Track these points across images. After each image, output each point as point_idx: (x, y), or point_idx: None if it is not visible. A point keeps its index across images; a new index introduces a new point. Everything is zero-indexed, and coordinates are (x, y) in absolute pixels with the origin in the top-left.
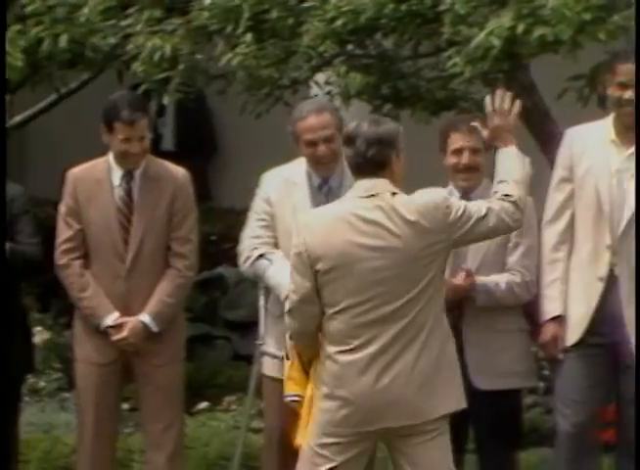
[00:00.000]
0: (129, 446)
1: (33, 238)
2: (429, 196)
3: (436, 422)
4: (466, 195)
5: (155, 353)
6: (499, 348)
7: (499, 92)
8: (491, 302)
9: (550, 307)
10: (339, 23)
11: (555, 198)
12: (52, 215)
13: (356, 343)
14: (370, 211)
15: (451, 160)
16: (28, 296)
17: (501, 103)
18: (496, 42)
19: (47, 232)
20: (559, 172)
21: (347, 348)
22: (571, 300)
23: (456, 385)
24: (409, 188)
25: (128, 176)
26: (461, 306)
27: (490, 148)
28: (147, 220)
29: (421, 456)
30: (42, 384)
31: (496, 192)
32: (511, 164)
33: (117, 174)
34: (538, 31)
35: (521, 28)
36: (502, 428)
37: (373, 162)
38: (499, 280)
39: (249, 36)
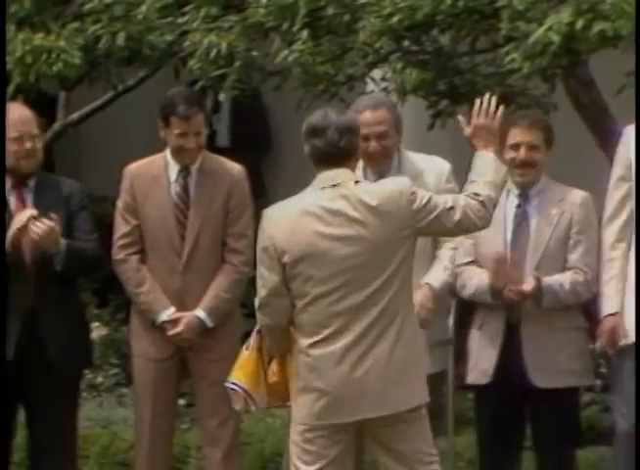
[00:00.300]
0: (186, 441)
1: (91, 234)
2: (394, 183)
3: (414, 411)
4: (524, 191)
5: (210, 349)
6: (557, 345)
7: (486, 96)
8: (556, 303)
9: (607, 306)
10: (395, 19)
11: (613, 196)
12: (109, 212)
13: (327, 332)
14: (334, 201)
15: (508, 155)
16: (86, 291)
17: (487, 105)
18: (555, 38)
19: (104, 229)
20: (617, 170)
21: (320, 338)
22: (628, 297)
23: (425, 375)
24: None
25: (185, 172)
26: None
27: (550, 145)
28: (203, 216)
29: (401, 445)
30: (100, 379)
31: (464, 191)
32: (485, 167)
33: (174, 170)
34: (598, 27)
35: (580, 24)
36: (560, 426)
37: (344, 151)
38: (563, 280)
39: (305, 33)
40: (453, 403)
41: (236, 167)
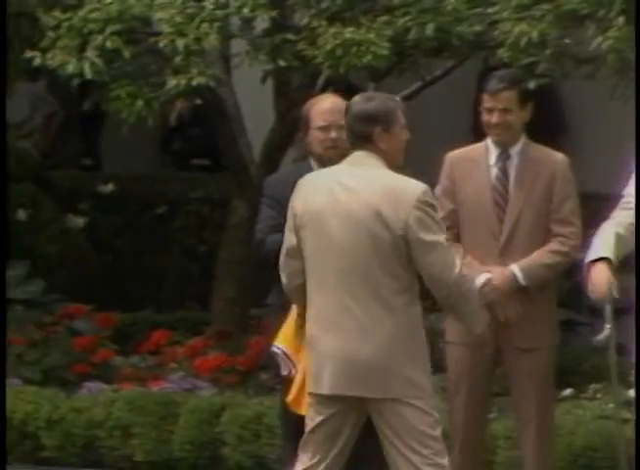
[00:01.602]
0: (494, 431)
1: None
2: (409, 184)
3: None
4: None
5: (521, 337)
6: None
7: None
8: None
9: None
10: None
11: None
12: None
13: (320, 302)
14: (352, 178)
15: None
16: None
17: None
18: None
19: None
20: None
21: (316, 308)
22: None
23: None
24: None
25: (505, 155)
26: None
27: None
28: (523, 199)
29: (398, 421)
30: None
31: None
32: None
33: (494, 154)
34: None
35: None
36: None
37: (358, 135)
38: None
39: (620, 20)
40: None
41: (559, 155)
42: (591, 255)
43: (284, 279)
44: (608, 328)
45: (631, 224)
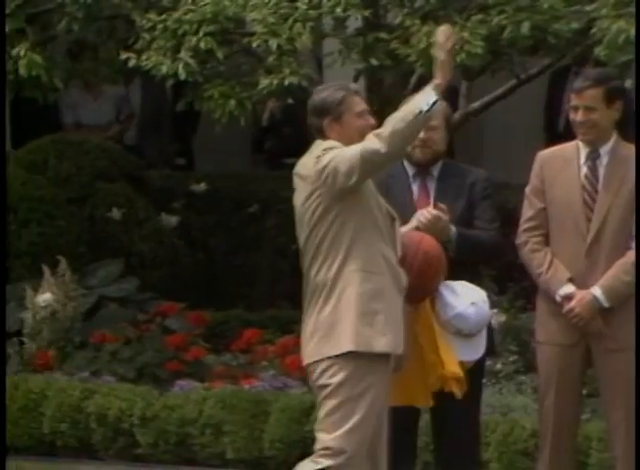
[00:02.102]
0: (587, 432)
1: (491, 223)
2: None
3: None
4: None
5: (610, 337)
6: None
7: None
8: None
9: None
10: None
11: None
12: (510, 199)
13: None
14: (302, 166)
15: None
16: (486, 278)
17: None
18: None
19: (506, 215)
20: None
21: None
22: None
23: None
24: None
25: (595, 154)
26: None
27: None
28: (611, 199)
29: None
30: (499, 366)
31: None
32: (408, 104)
33: (584, 153)
34: None
35: None
36: None
37: (313, 128)
38: None
39: None
40: None
41: None
42: None
43: None
44: None
45: None
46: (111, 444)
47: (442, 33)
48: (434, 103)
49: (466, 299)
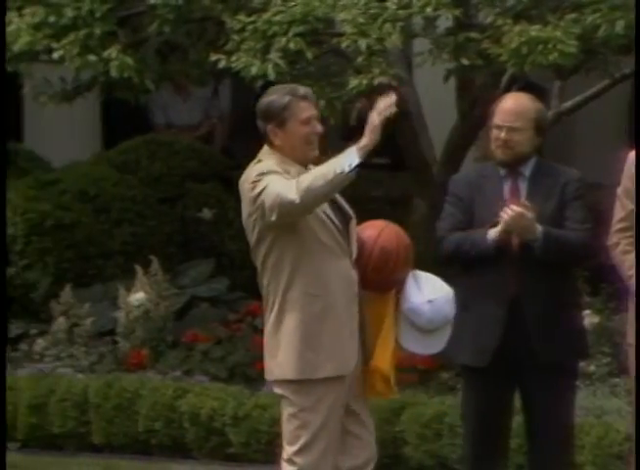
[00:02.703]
0: None
1: (583, 224)
2: (252, 170)
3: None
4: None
5: None
6: None
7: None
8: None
9: None
10: None
11: None
12: (602, 199)
13: None
14: (243, 183)
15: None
16: (578, 279)
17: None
18: None
19: (597, 216)
20: None
21: None
22: None
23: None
24: None
25: None
26: None
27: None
28: None
29: None
30: (592, 368)
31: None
32: (332, 162)
33: None
34: None
35: None
36: None
37: (260, 132)
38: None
39: None
40: None
41: None
42: None
43: None
44: None
45: None
46: (203, 443)
47: (383, 102)
48: (357, 166)
49: (426, 294)
